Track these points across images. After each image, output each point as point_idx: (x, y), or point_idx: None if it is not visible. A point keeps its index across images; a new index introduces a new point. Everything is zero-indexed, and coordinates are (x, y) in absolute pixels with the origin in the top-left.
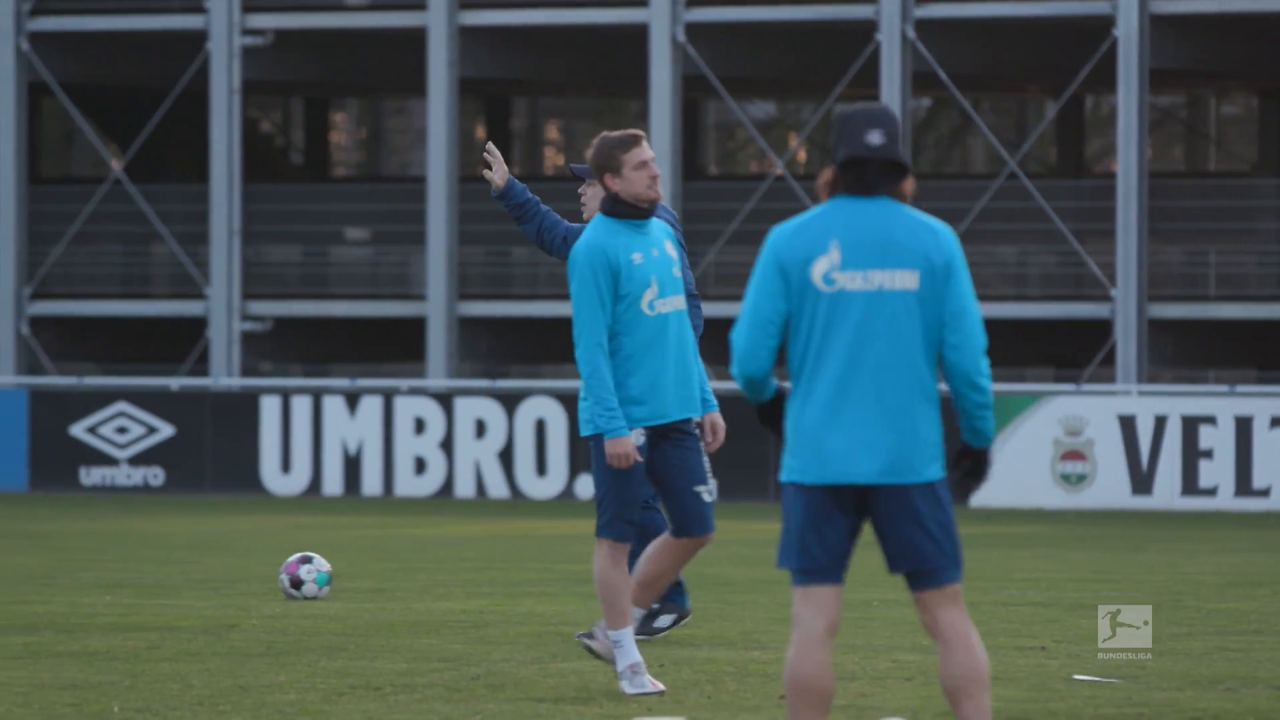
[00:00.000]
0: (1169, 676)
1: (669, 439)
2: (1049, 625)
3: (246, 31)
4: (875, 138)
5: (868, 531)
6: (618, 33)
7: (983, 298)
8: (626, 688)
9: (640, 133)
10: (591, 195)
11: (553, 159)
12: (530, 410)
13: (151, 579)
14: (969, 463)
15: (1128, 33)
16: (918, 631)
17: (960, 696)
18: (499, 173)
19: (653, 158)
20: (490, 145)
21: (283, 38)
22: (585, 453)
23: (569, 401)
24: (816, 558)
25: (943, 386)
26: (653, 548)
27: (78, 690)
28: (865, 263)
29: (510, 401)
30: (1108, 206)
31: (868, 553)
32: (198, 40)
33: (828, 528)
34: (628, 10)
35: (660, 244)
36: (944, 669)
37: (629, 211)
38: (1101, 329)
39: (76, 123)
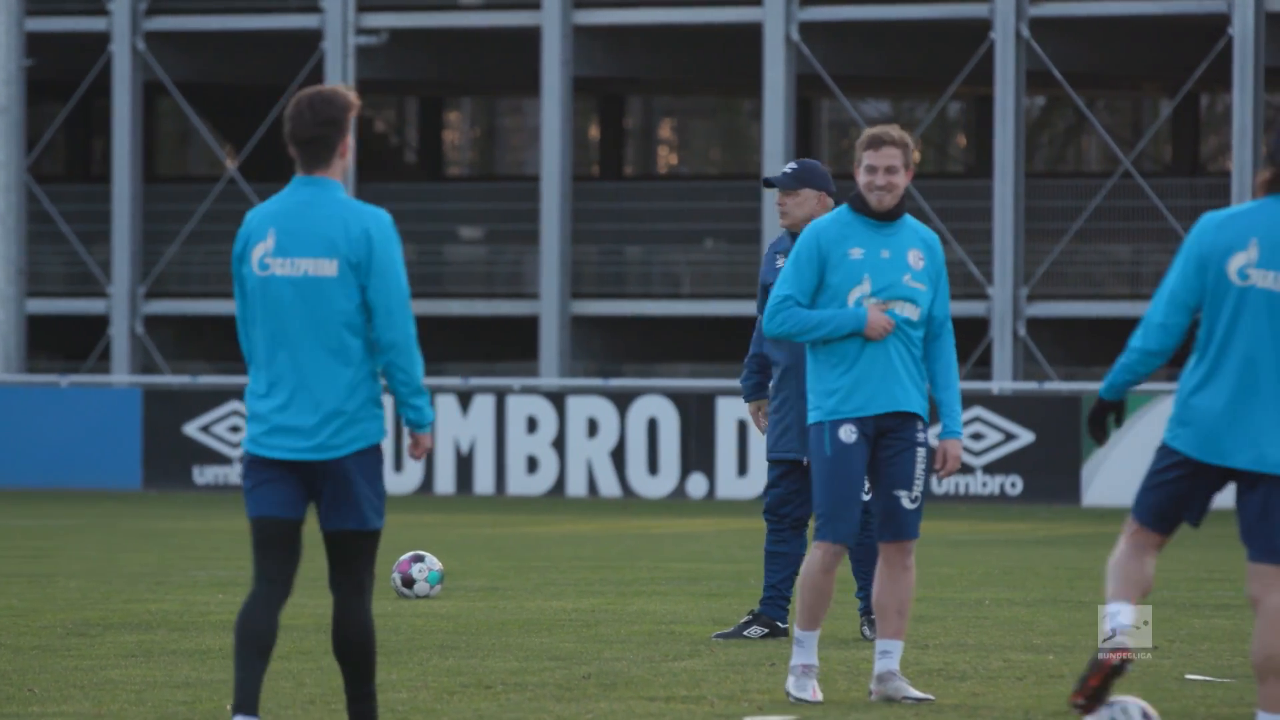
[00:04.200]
0: None
1: (884, 440)
2: (1160, 625)
3: (361, 31)
4: None
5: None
6: (732, 31)
7: (1097, 296)
8: (791, 687)
9: (883, 135)
10: (793, 205)
11: (666, 157)
12: (643, 409)
13: None
14: None
15: (1243, 31)
16: (1030, 631)
17: (1268, 673)
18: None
19: (884, 166)
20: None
21: (397, 37)
22: (697, 452)
23: (681, 400)
24: (1161, 506)
25: None
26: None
27: (191, 688)
28: (1278, 264)
29: (623, 400)
30: (1223, 205)
31: (980, 552)
32: (313, 40)
33: (1180, 490)
34: (742, 9)
35: (899, 247)
36: (1259, 643)
37: (863, 208)
38: None
39: (192, 122)
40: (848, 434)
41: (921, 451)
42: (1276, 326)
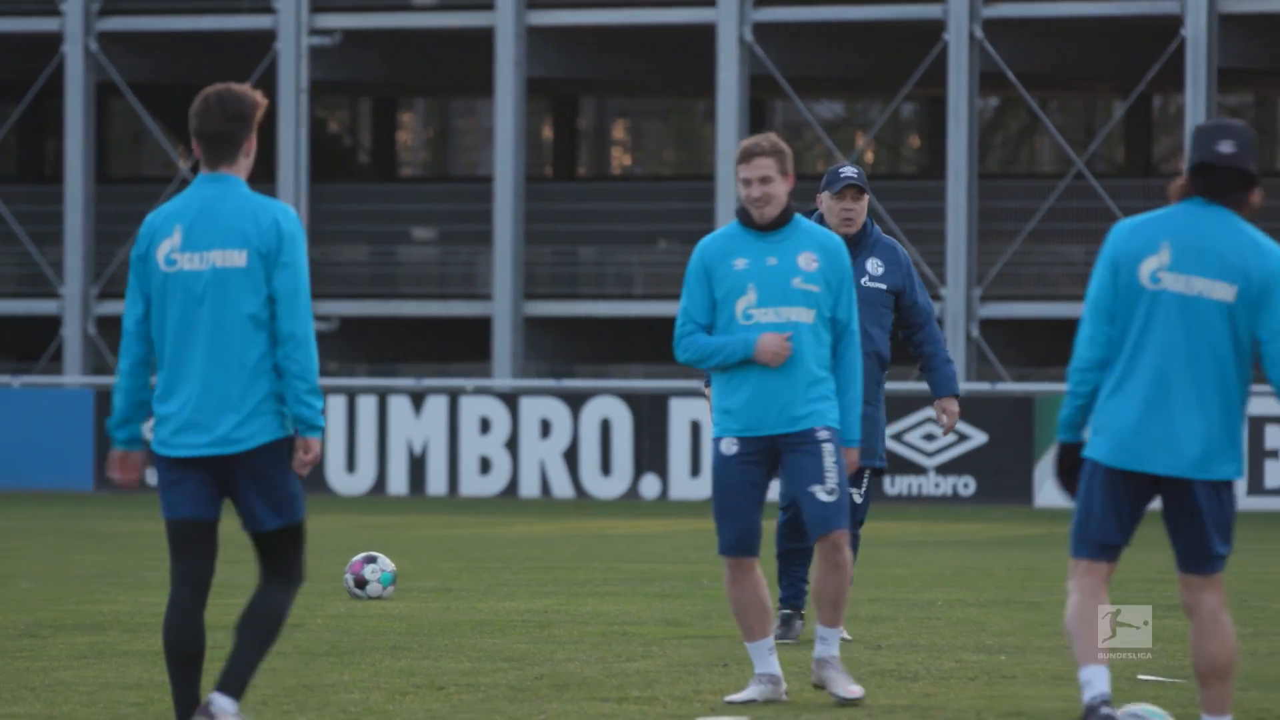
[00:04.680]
0: (1235, 677)
1: (787, 448)
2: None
3: (315, 31)
4: (1226, 147)
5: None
6: (685, 32)
7: (1050, 297)
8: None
9: (753, 147)
10: (860, 210)
11: (619, 159)
12: (595, 410)
13: (216, 578)
14: None
15: (1196, 32)
16: (982, 631)
17: (1210, 678)
18: None
19: (758, 177)
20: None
21: (351, 38)
22: (650, 452)
23: (634, 401)
24: (1102, 533)
25: None
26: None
27: (142, 690)
28: (1190, 268)
29: (575, 401)
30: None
31: (933, 552)
32: (266, 40)
33: (1114, 509)
34: (695, 10)
35: (788, 253)
36: (1198, 650)
37: (748, 221)
38: None
39: (145, 123)
40: (728, 446)
41: (828, 447)
42: (1190, 329)
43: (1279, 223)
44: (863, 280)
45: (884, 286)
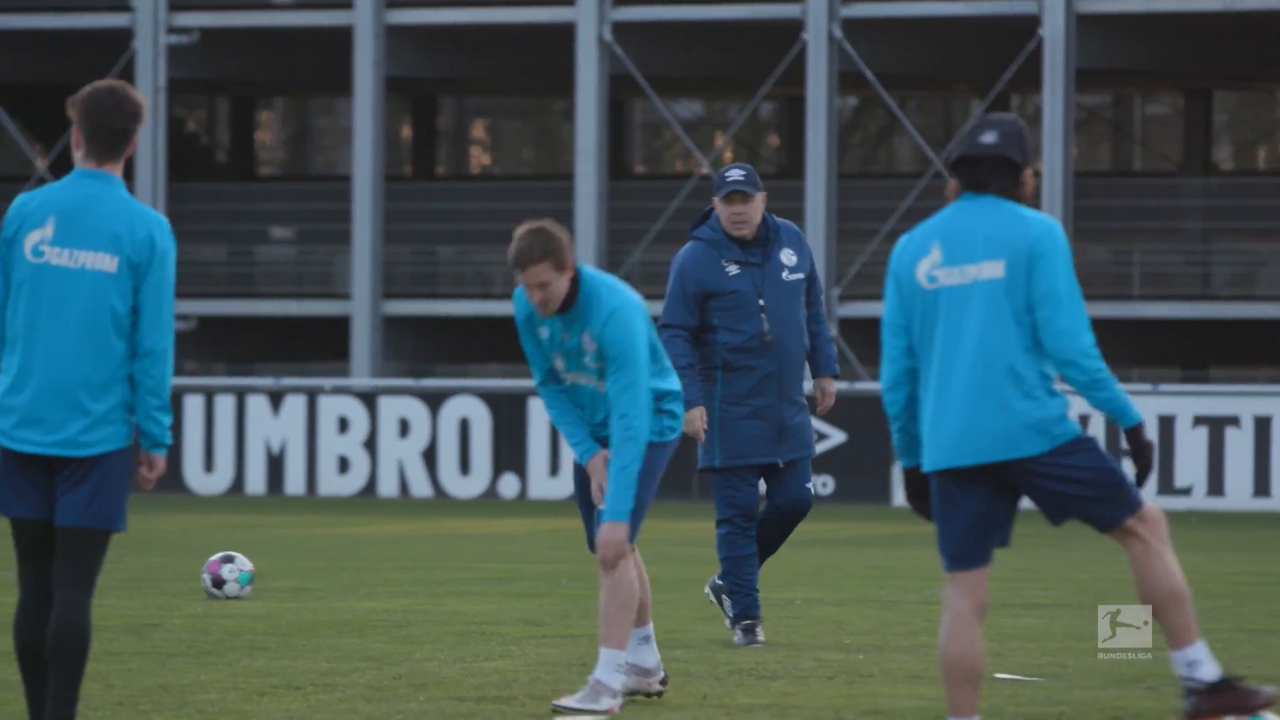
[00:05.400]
0: (1091, 675)
1: None
2: None
3: (172, 30)
4: (988, 138)
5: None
6: (545, 32)
7: None
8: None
9: (523, 256)
10: (754, 210)
11: (478, 158)
12: (454, 409)
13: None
14: (1130, 447)
15: (1054, 32)
16: (841, 630)
17: (1159, 611)
18: None
19: (536, 283)
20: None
21: (209, 36)
22: (508, 452)
23: (493, 401)
24: (954, 543)
25: None
26: None
27: None
28: (961, 258)
29: (434, 401)
30: (1032, 205)
31: (791, 551)
32: (123, 38)
33: (956, 514)
34: (554, 9)
35: (577, 332)
36: (1138, 590)
37: None
38: None
39: (1, 121)
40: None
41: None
42: (971, 317)
43: (1135, 221)
44: (783, 275)
45: (800, 275)
